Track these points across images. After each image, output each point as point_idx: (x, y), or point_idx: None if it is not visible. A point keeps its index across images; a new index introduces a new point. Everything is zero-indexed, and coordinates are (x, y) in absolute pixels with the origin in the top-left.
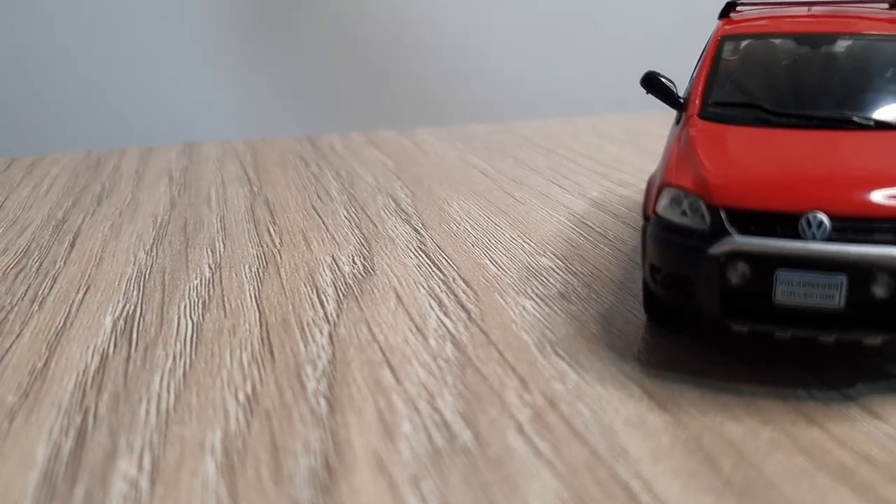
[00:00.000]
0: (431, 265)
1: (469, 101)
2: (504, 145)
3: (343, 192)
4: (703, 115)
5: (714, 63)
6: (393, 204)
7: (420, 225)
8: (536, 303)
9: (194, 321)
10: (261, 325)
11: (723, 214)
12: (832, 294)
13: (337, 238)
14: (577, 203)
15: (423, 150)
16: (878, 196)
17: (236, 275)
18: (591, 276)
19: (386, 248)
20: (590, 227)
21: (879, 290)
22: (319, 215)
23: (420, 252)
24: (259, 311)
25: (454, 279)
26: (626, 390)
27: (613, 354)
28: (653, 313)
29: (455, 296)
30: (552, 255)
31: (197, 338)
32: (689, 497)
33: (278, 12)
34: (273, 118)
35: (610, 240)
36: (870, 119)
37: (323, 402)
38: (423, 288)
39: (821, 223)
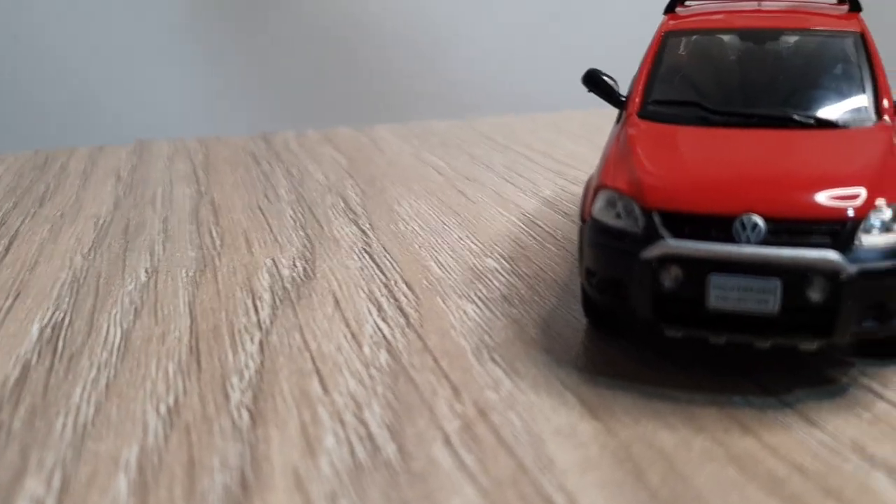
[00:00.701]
0: (374, 268)
1: (430, 97)
2: (462, 142)
3: (292, 191)
4: (643, 115)
5: (656, 60)
6: (342, 203)
7: (367, 225)
8: (478, 306)
9: (124, 329)
10: (191, 333)
11: (656, 217)
12: (767, 299)
13: (280, 240)
14: (529, 202)
15: (380, 147)
16: (815, 197)
17: (172, 279)
18: (536, 277)
19: (329, 249)
20: (540, 226)
21: (815, 295)
22: (265, 216)
23: (364, 254)
24: (191, 317)
25: (396, 282)
26: (560, 398)
27: (550, 360)
28: (592, 317)
29: (395, 300)
30: (499, 257)
31: (125, 346)
32: None
33: (236, 8)
34: (228, 115)
35: (558, 240)
36: (811, 117)
37: (245, 415)
38: (364, 292)
39: (755, 226)
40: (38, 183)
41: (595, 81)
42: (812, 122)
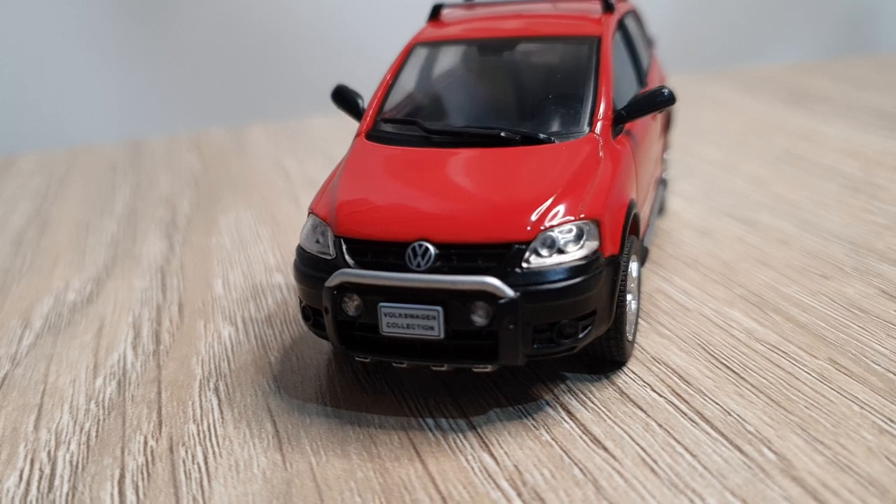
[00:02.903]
0: (159, 288)
1: (309, 94)
2: (328, 141)
3: (129, 205)
4: (371, 134)
5: (397, 74)
6: (169, 216)
7: (180, 240)
8: (236, 329)
9: None
10: None
11: (343, 244)
12: (431, 325)
13: (85, 260)
14: None
15: (244, 150)
16: (483, 222)
17: None
18: None
19: (126, 269)
20: None
21: (479, 320)
22: (87, 234)
23: (157, 273)
24: None
25: (171, 305)
26: (259, 428)
27: (272, 387)
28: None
29: (158, 325)
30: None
31: None
32: None
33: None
34: (100, 121)
35: None
36: (517, 133)
37: None
38: (132, 316)
39: (426, 252)
40: None
41: (342, 97)
42: (517, 138)
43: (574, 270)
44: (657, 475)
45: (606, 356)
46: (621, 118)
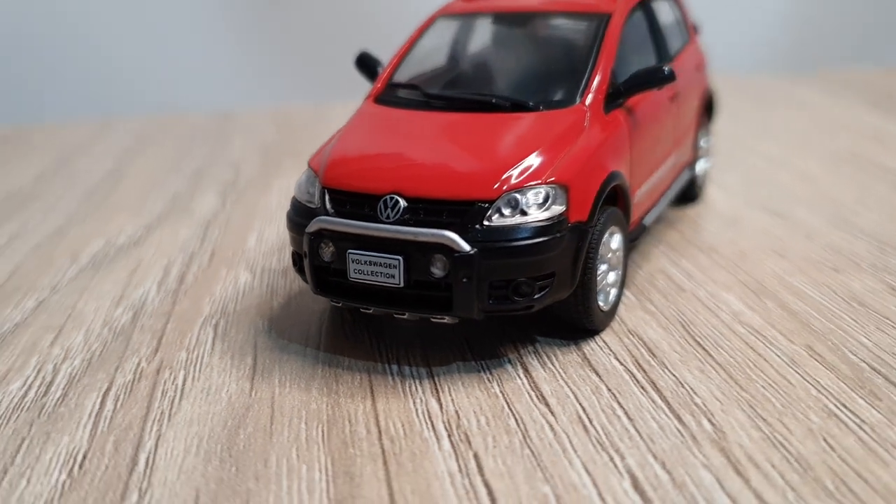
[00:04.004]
0: (200, 238)
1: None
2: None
3: (198, 167)
4: (380, 98)
5: (413, 43)
6: (231, 178)
7: (233, 199)
8: (253, 276)
9: None
10: None
11: (327, 195)
12: (392, 273)
13: (144, 210)
14: None
15: (319, 124)
16: (451, 180)
17: None
18: None
19: (176, 220)
20: None
21: (437, 272)
22: (154, 189)
23: (203, 225)
24: None
25: (204, 252)
26: (240, 360)
27: (265, 327)
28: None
29: (187, 268)
30: None
31: None
32: (194, 464)
33: None
34: (197, 92)
35: None
36: (507, 100)
37: None
38: (168, 259)
39: (396, 204)
40: None
41: (364, 64)
42: (507, 104)
43: (533, 231)
44: (587, 433)
45: (576, 323)
46: (618, 93)
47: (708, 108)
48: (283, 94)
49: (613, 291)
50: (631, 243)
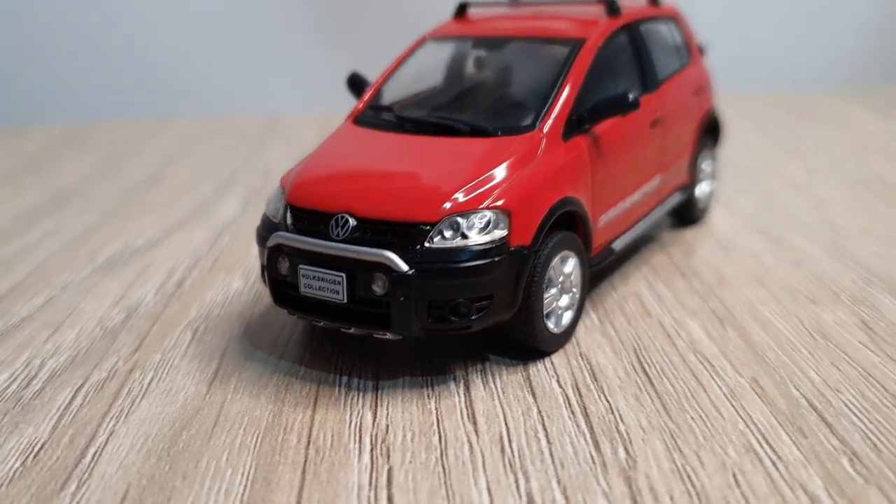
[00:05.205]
0: (210, 243)
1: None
2: None
3: (233, 172)
4: (358, 118)
5: (399, 65)
6: (260, 184)
7: (255, 206)
8: (245, 284)
9: None
10: None
11: (289, 211)
12: (337, 290)
13: (170, 213)
14: None
15: None
16: (397, 202)
17: None
18: None
19: (196, 224)
20: None
21: (378, 290)
22: (185, 192)
23: (218, 230)
24: None
25: (209, 258)
26: (206, 364)
27: (238, 333)
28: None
29: (188, 273)
30: None
31: None
32: (134, 460)
33: None
34: (243, 97)
35: None
36: (467, 125)
37: None
38: (174, 263)
39: (346, 223)
40: None
41: (355, 85)
42: (468, 130)
43: (472, 254)
44: (503, 453)
45: (524, 344)
46: (581, 120)
47: (712, 131)
48: (331, 99)
49: (568, 314)
50: (593, 268)
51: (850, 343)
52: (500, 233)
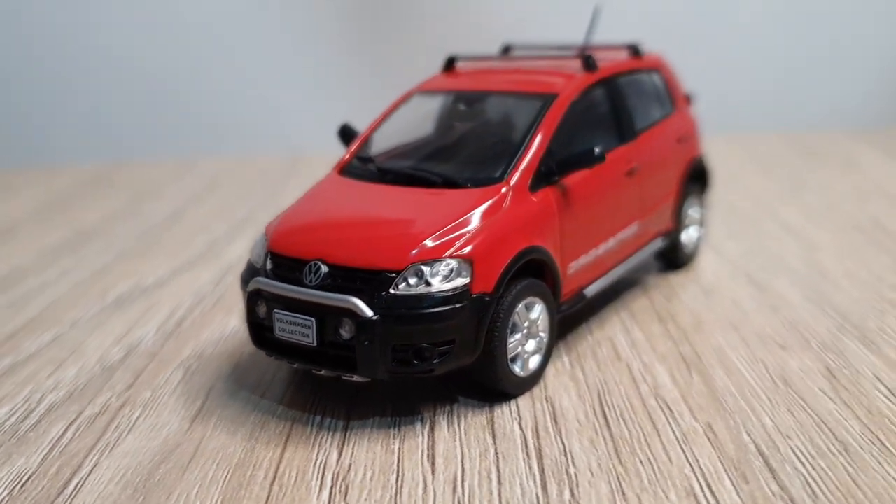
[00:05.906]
0: (215, 283)
1: None
2: None
3: (249, 212)
4: (343, 169)
5: (384, 118)
6: None
7: None
8: (241, 324)
9: None
10: None
11: (269, 258)
12: (307, 333)
13: (181, 253)
14: None
15: None
16: (365, 250)
17: None
18: None
19: (204, 265)
20: None
21: (345, 333)
22: (200, 233)
23: (224, 271)
24: None
25: (212, 298)
26: (192, 401)
27: (227, 373)
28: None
29: (190, 312)
30: None
31: None
32: (111, 492)
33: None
34: (268, 136)
35: None
36: (440, 176)
37: None
38: (177, 302)
39: (318, 270)
40: None
41: (345, 136)
42: (440, 181)
43: (434, 301)
44: (454, 493)
45: (489, 387)
46: (550, 172)
47: (699, 177)
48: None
49: (535, 358)
50: (563, 313)
51: (809, 390)
52: (462, 280)
